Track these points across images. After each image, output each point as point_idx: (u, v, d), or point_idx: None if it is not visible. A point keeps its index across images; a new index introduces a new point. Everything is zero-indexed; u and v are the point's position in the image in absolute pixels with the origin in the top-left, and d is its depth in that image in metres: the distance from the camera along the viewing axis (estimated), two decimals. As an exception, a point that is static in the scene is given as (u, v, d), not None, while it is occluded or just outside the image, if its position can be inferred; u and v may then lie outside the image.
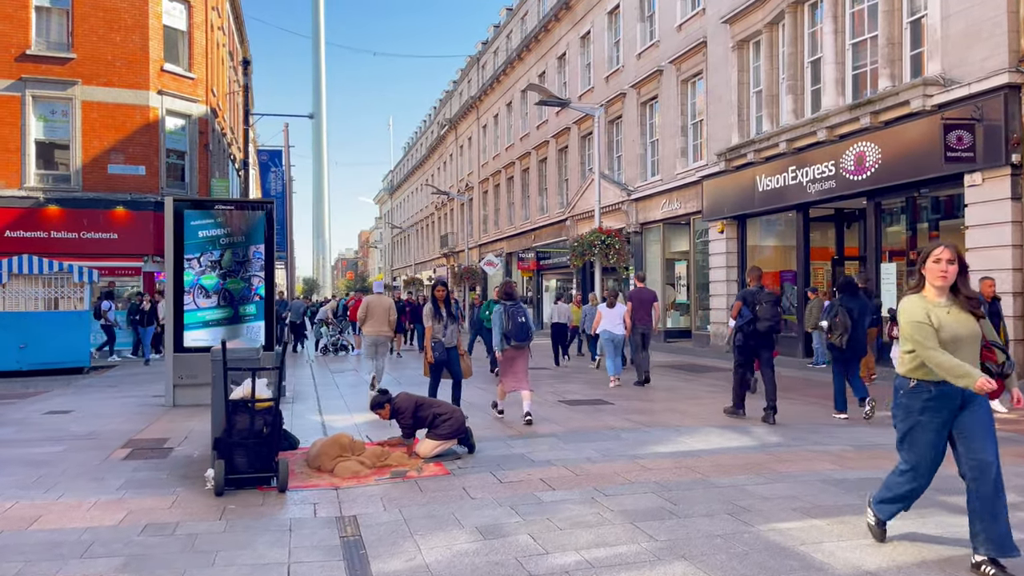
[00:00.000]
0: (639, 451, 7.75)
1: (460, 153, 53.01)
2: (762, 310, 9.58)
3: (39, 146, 22.17)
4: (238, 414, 6.46)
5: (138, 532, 5.24)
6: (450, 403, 7.93)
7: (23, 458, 7.65)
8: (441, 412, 7.60)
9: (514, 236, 40.85)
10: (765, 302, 9.63)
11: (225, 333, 11.86)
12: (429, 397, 7.95)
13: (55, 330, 17.53)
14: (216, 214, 11.86)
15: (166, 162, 23.32)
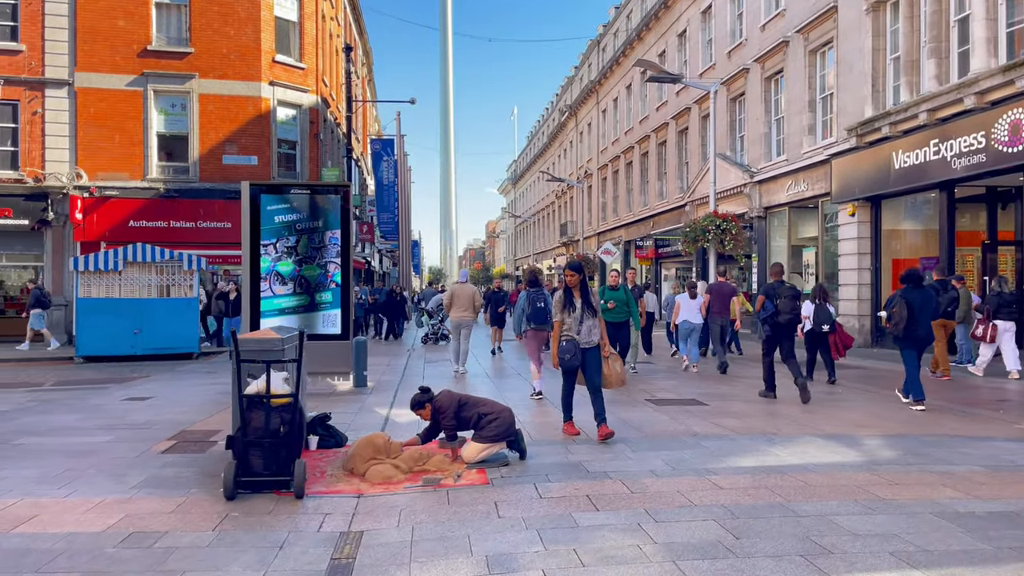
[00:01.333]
0: (716, 464, 6.64)
1: (580, 140, 51.95)
2: (783, 304, 10.55)
3: (160, 139, 22.99)
4: (253, 411, 5.89)
5: (117, 542, 4.73)
6: (498, 403, 7.09)
7: (65, 448, 7.44)
8: (487, 412, 6.79)
9: (632, 223, 39.47)
10: (785, 296, 10.56)
11: (301, 321, 11.55)
12: (474, 396, 7.14)
13: (166, 316, 17.99)
14: (292, 199, 11.53)
15: (277, 152, 23.67)
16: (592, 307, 7.76)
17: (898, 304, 9.84)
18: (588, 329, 7.70)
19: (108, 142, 22.35)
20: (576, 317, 7.65)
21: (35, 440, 7.84)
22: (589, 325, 7.71)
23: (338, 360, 11.56)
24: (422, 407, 6.87)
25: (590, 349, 7.71)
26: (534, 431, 8.24)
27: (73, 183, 22.00)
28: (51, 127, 22.07)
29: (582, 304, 7.71)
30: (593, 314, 7.75)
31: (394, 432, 8.11)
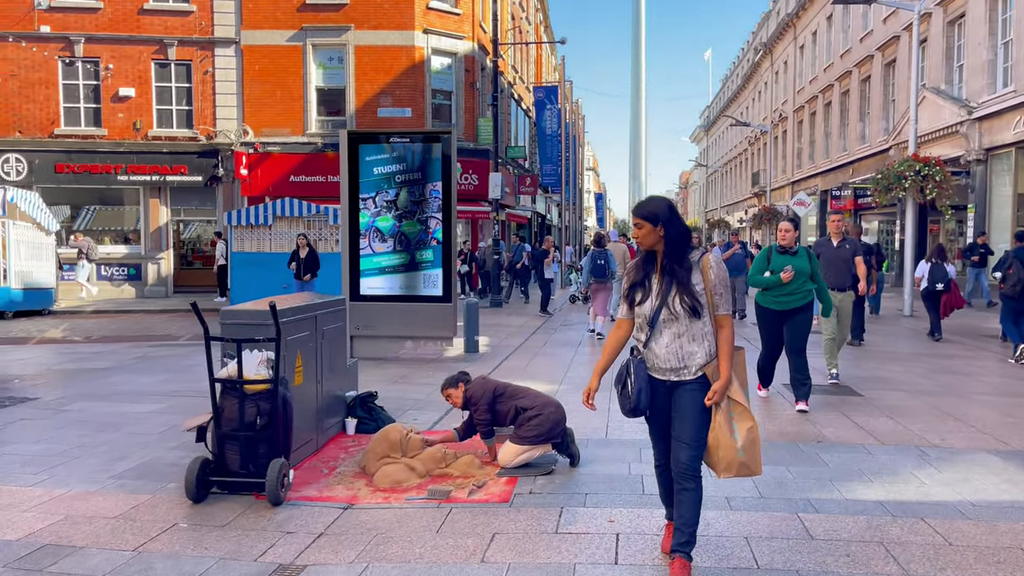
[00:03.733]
0: (825, 492, 4.90)
1: (775, 80, 47.61)
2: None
3: (319, 93, 23.14)
4: (226, 398, 4.96)
5: (12, 558, 3.96)
6: (545, 394, 5.72)
7: (100, 418, 7.00)
8: (527, 407, 5.45)
9: (829, 171, 35.54)
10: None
11: (402, 281, 10.70)
12: (519, 387, 5.80)
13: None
14: (391, 148, 10.60)
15: (432, 103, 23.08)
16: (689, 291, 3.59)
17: (1014, 264, 10.00)
18: (675, 342, 3.64)
19: (271, 98, 22.79)
20: (649, 311, 3.65)
21: (86, 406, 7.51)
22: (677, 333, 3.62)
23: (439, 324, 10.59)
24: (454, 387, 5.66)
25: (681, 385, 3.68)
26: (607, 424, 6.79)
27: (240, 139, 22.70)
28: (220, 85, 22.83)
29: (665, 285, 3.65)
30: (694, 311, 3.59)
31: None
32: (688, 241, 3.64)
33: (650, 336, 3.66)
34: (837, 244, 9.30)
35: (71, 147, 22.47)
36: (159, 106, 22.95)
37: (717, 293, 3.62)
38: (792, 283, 7.21)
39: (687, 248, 3.64)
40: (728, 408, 3.64)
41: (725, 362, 3.60)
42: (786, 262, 7.26)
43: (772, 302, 7.40)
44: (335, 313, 6.46)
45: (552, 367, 9.98)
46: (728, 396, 3.63)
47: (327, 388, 6.25)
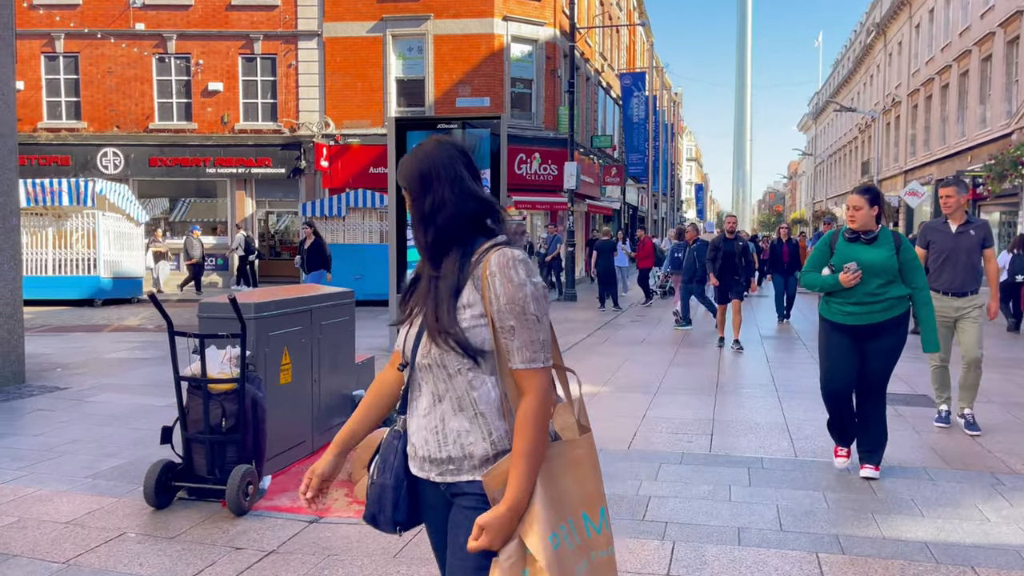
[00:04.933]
0: (860, 527, 4.14)
1: (888, 63, 44.74)
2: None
3: (398, 84, 23.08)
4: (192, 398, 4.63)
5: (-59, 563, 3.74)
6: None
7: (116, 410, 6.87)
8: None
9: (945, 159, 33.02)
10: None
11: (449, 274, 10.27)
12: None
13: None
14: (439, 134, 10.16)
15: (511, 92, 22.63)
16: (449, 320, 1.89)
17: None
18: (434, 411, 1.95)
19: (351, 90, 22.88)
20: (403, 345, 2.05)
21: (109, 398, 7.43)
22: (437, 394, 1.94)
23: (486, 319, 10.10)
24: None
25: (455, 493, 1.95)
26: (633, 434, 6.14)
27: (321, 132, 22.91)
28: (303, 78, 23.09)
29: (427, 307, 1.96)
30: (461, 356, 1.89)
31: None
32: (466, 223, 1.93)
33: (407, 393, 2.02)
34: (957, 228, 6.20)
35: (164, 141, 23.26)
36: (245, 100, 23.43)
37: (504, 328, 1.83)
38: (865, 287, 4.81)
39: (460, 237, 1.93)
40: (515, 566, 1.82)
41: (516, 470, 1.81)
42: (856, 254, 4.87)
43: (839, 313, 4.97)
44: (339, 307, 6.07)
45: (602, 368, 9.36)
46: (520, 539, 1.82)
47: (327, 386, 5.87)
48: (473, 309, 1.87)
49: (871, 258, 4.85)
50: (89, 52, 23.37)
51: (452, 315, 1.87)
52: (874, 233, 4.91)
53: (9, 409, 6.92)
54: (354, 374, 6.41)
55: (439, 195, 1.92)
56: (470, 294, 1.88)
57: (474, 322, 1.87)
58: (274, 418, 5.11)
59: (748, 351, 10.58)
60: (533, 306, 1.85)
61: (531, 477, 1.82)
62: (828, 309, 5.08)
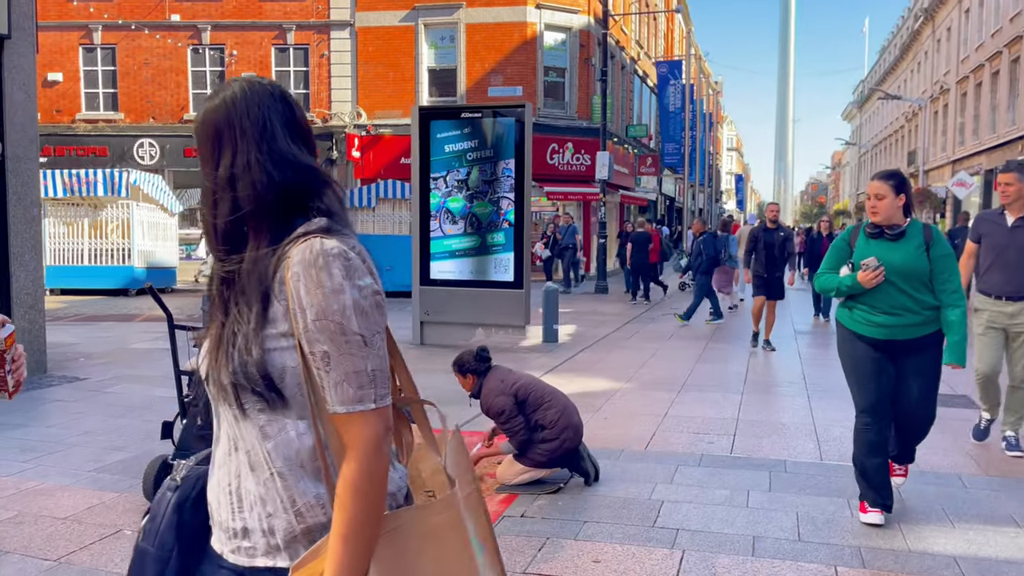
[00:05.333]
0: (884, 539, 3.88)
1: (936, 49, 43.45)
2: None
3: (430, 73, 22.98)
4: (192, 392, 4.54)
5: (-68, 559, 3.69)
6: (568, 412, 4.79)
7: (132, 400, 6.85)
8: (545, 424, 4.64)
9: (995, 148, 31.96)
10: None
11: (472, 265, 10.14)
12: (546, 390, 4.91)
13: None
14: (463, 125, 10.02)
15: (544, 80, 22.38)
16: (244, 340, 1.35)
17: None
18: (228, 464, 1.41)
19: (383, 80, 22.83)
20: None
21: (126, 388, 7.41)
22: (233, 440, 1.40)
23: (510, 311, 9.95)
24: (463, 375, 4.94)
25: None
26: (653, 433, 5.92)
27: (353, 122, 22.90)
28: (335, 68, 23.10)
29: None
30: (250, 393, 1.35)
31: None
32: (276, 198, 1.40)
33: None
34: (1014, 222, 5.25)
35: (198, 132, 23.45)
36: (279, 91, 23.51)
37: (316, 354, 1.32)
38: (892, 294, 4.00)
39: (268, 218, 1.41)
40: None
41: (333, 559, 1.28)
42: (878, 253, 4.04)
43: (863, 323, 4.12)
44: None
45: (627, 363, 9.13)
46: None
47: (337, 381, 5.75)
48: (274, 326, 1.34)
49: (896, 258, 3.99)
50: (126, 44, 23.63)
51: (250, 332, 1.34)
52: (901, 228, 4.05)
53: (28, 399, 6.93)
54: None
55: (239, 156, 1.37)
56: (275, 304, 1.35)
57: (272, 344, 1.33)
58: (280, 413, 5.01)
59: (780, 348, 10.26)
60: (356, 322, 1.31)
61: (356, 568, 1.28)
62: (850, 316, 4.20)
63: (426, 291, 10.25)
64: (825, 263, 4.38)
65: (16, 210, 7.65)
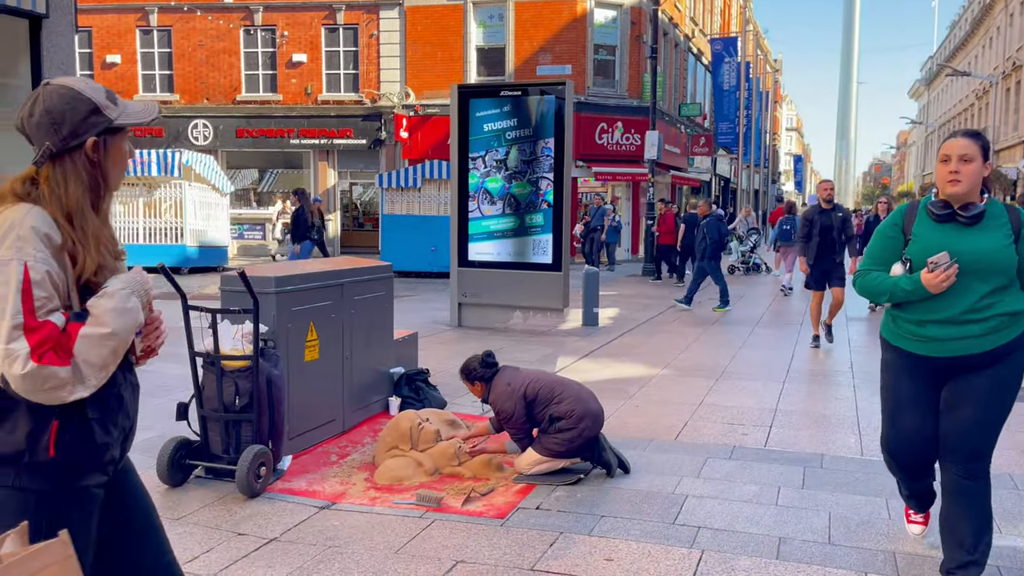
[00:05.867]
0: (922, 545, 3.62)
1: (1009, 23, 41.45)
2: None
3: (479, 53, 22.78)
4: (206, 374, 4.49)
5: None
6: (585, 399, 4.61)
7: (162, 380, 6.85)
8: (562, 415, 4.48)
9: (1071, 127, 30.40)
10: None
11: (511, 247, 9.98)
12: (556, 382, 4.75)
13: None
14: (502, 103, 9.83)
15: (594, 59, 21.98)
16: None
17: None
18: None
19: (431, 59, 22.71)
20: None
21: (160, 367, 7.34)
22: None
23: (548, 293, 9.77)
24: (471, 382, 4.82)
25: None
26: (684, 423, 5.69)
27: (401, 102, 22.85)
28: (384, 48, 23.06)
29: None
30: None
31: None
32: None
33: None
34: None
35: (250, 112, 23.72)
36: (328, 71, 23.62)
37: None
38: (959, 296, 3.00)
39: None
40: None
41: None
42: (950, 241, 3.03)
43: (912, 337, 3.16)
44: (375, 281, 5.84)
45: (666, 347, 8.88)
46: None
47: (361, 363, 5.66)
48: None
49: (974, 248, 2.97)
50: (181, 26, 23.98)
51: None
52: (979, 208, 3.04)
53: (65, 376, 7.03)
54: (393, 351, 6.19)
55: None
56: None
57: None
58: (299, 396, 4.95)
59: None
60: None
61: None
62: (896, 328, 3.20)
63: (464, 273, 10.14)
64: (868, 257, 3.30)
65: (57, 189, 7.73)
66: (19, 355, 1.63)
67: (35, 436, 1.73)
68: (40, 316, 1.67)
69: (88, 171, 1.83)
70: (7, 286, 1.66)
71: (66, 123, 1.79)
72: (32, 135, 1.80)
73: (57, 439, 1.75)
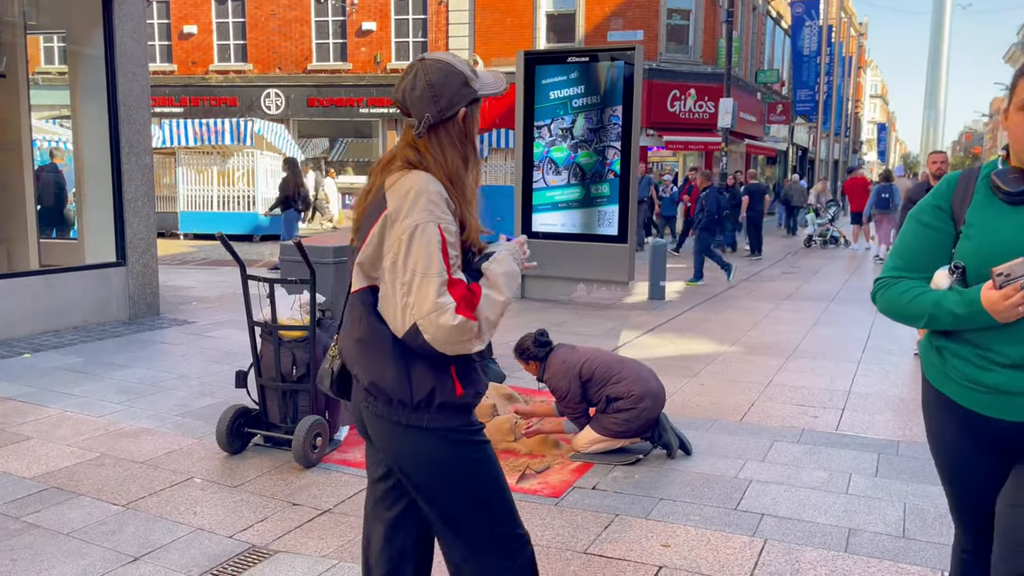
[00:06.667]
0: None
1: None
2: None
3: (548, 19, 22.37)
4: (264, 344, 4.49)
5: (9, 499, 3.81)
6: (644, 378, 4.44)
7: (230, 347, 6.98)
8: (620, 395, 4.34)
9: None
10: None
11: (575, 218, 9.80)
12: (614, 361, 4.58)
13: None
14: (569, 70, 9.60)
15: (667, 24, 21.35)
16: None
17: None
18: None
19: (501, 26, 22.43)
20: None
21: (228, 333, 7.57)
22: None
23: (614, 266, 9.57)
24: (526, 361, 4.71)
25: None
26: (752, 403, 5.47)
27: (470, 70, 22.68)
28: (453, 15, 22.88)
29: None
30: None
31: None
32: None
33: None
34: None
35: (321, 81, 23.92)
36: (397, 39, 23.59)
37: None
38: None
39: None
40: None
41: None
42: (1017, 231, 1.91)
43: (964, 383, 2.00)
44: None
45: (735, 324, 8.61)
46: None
47: (420, 335, 5.61)
48: None
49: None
50: (254, -5, 24.28)
51: None
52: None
53: (136, 341, 7.22)
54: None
55: None
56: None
57: None
58: (357, 366, 4.93)
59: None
60: None
61: None
62: (942, 366, 2.07)
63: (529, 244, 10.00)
64: (896, 256, 2.15)
65: (129, 158, 7.91)
66: (448, 308, 1.81)
67: (442, 381, 1.93)
68: (453, 274, 1.86)
69: (460, 139, 1.98)
70: (431, 245, 1.82)
71: (444, 95, 1.93)
72: (412, 107, 1.94)
73: (460, 381, 1.96)
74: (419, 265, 1.83)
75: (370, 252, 1.93)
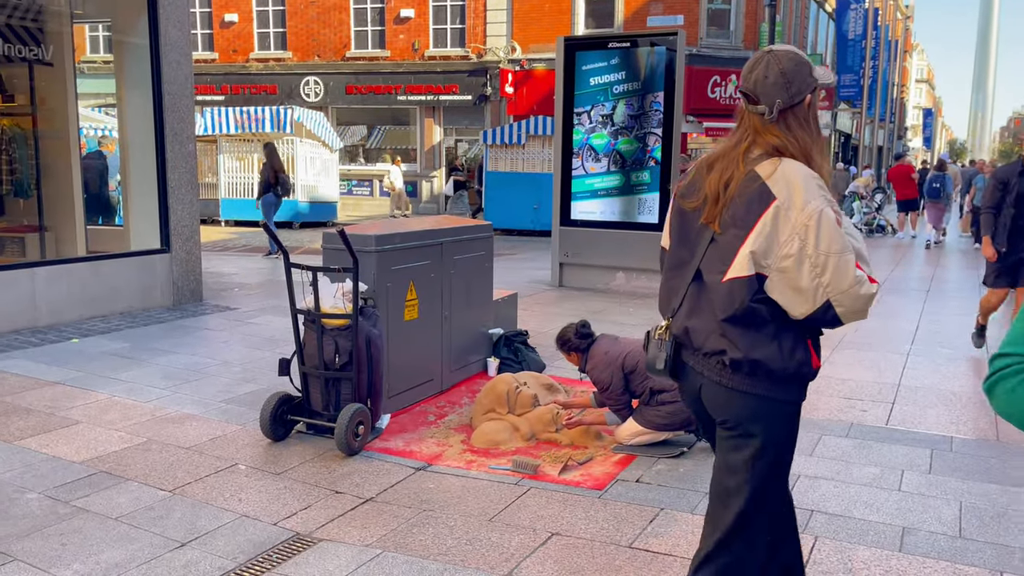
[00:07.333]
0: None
1: None
2: None
3: (587, 4, 22.12)
4: (307, 332, 4.50)
5: (58, 483, 3.87)
6: None
7: (271, 333, 7.03)
8: (663, 388, 4.28)
9: None
10: None
11: (615, 205, 9.70)
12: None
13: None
14: (610, 55, 9.47)
15: (708, 8, 21.00)
16: None
17: None
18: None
19: (538, 12, 22.26)
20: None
21: (269, 320, 7.64)
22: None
23: (654, 255, 9.41)
24: (567, 352, 4.65)
25: None
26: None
27: (507, 57, 22.55)
28: (491, 1, 22.74)
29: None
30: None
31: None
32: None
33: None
34: None
35: (359, 69, 23.98)
36: (435, 26, 23.54)
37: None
38: None
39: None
40: None
41: None
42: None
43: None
44: (474, 241, 5.73)
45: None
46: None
47: (460, 323, 5.60)
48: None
49: None
50: (293, -17, 24.39)
51: None
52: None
53: (180, 327, 7.31)
54: (491, 311, 6.10)
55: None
56: None
57: None
58: (399, 355, 4.93)
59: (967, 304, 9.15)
60: None
61: None
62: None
63: (566, 232, 9.94)
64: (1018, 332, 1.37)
65: (173, 146, 7.99)
66: (864, 280, 2.06)
67: (805, 354, 2.13)
68: None
69: (806, 121, 2.12)
70: (833, 226, 2.01)
71: (795, 82, 2.09)
72: (763, 94, 2.09)
73: (816, 353, 2.17)
74: (833, 246, 2.00)
75: (762, 241, 2.04)
